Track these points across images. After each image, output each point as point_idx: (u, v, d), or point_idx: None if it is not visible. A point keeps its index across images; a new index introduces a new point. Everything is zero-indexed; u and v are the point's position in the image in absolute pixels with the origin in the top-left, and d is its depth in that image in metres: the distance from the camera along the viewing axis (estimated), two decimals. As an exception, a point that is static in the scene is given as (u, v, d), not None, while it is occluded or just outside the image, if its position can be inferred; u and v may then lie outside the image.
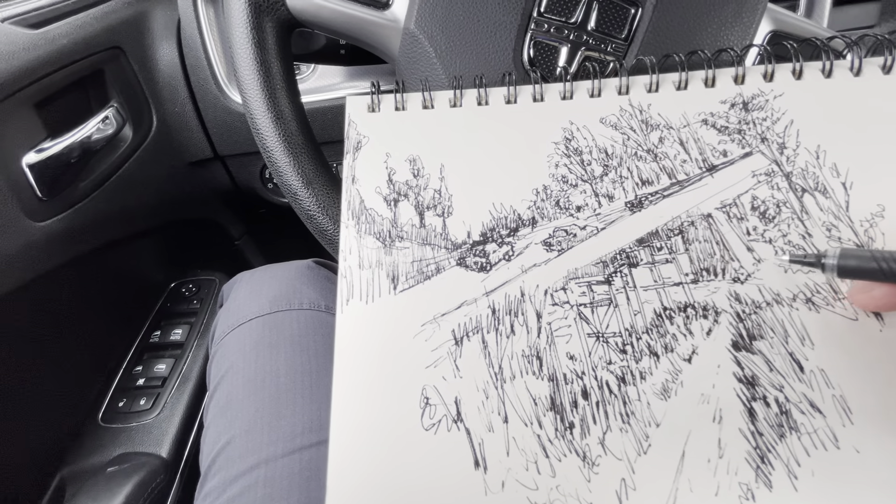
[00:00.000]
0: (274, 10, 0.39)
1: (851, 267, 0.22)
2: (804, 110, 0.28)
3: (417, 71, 0.39)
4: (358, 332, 0.26)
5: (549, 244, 0.27)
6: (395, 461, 0.24)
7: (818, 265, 0.23)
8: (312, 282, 0.53)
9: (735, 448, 0.23)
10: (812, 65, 0.29)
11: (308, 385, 0.43)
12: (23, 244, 0.51)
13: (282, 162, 0.38)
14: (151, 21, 0.65)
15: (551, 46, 0.38)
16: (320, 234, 0.39)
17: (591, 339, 0.25)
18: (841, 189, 0.26)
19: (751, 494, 0.22)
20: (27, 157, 0.52)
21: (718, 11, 0.37)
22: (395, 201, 0.29)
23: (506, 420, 0.24)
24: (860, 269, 0.22)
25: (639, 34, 0.38)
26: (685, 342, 0.25)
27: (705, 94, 0.29)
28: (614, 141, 0.29)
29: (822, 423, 0.23)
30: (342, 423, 0.25)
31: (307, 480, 0.38)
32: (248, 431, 0.41)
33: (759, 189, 0.27)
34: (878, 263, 0.21)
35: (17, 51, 0.50)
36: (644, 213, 0.27)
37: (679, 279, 0.26)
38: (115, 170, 0.62)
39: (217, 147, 0.69)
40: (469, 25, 0.38)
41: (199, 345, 0.73)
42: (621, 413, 0.24)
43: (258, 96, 0.38)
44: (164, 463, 0.60)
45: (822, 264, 0.22)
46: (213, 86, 0.64)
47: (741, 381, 0.24)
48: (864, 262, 0.21)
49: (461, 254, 0.28)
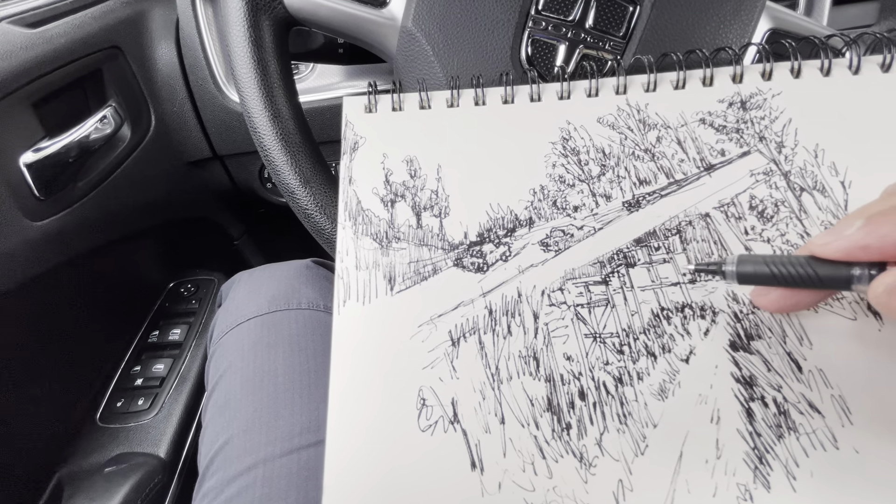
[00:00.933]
0: (271, 8, 0.39)
1: (748, 273, 0.22)
2: (803, 109, 0.28)
3: (415, 69, 0.39)
4: (355, 332, 0.26)
5: (546, 244, 0.27)
6: (391, 462, 0.24)
7: (720, 272, 0.23)
8: (311, 281, 0.53)
9: (733, 449, 0.23)
10: (811, 63, 0.29)
11: (306, 385, 0.43)
12: (20, 243, 0.51)
13: (279, 161, 0.38)
14: (150, 20, 0.65)
15: (549, 44, 0.38)
16: (318, 233, 0.39)
17: (589, 340, 0.25)
18: (840, 188, 0.26)
19: (749, 495, 0.22)
20: (25, 156, 0.52)
21: (717, 9, 0.37)
22: (392, 202, 0.29)
23: (502, 421, 0.24)
24: (756, 274, 0.22)
25: (637, 32, 0.37)
26: (683, 342, 0.25)
27: (703, 94, 0.29)
28: (612, 141, 0.29)
29: (821, 423, 0.23)
30: (339, 423, 0.25)
31: (305, 480, 0.38)
32: (247, 431, 0.41)
33: (757, 188, 0.27)
34: (769, 268, 0.22)
35: (15, 50, 0.50)
36: (641, 212, 0.27)
37: (677, 279, 0.26)
38: (113, 169, 0.61)
39: (216, 147, 0.69)
40: (466, 23, 0.38)
41: (197, 345, 0.73)
42: (618, 414, 0.24)
43: (255, 95, 0.38)
44: (161, 463, 0.60)
45: (723, 272, 0.23)
46: (211, 85, 0.64)
47: (739, 382, 0.24)
48: (758, 268, 0.22)
49: (458, 254, 0.27)
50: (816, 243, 0.21)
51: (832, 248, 0.20)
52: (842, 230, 0.20)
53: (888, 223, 0.19)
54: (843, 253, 0.20)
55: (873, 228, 0.19)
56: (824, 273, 0.21)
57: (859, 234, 0.19)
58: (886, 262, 0.19)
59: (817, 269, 0.21)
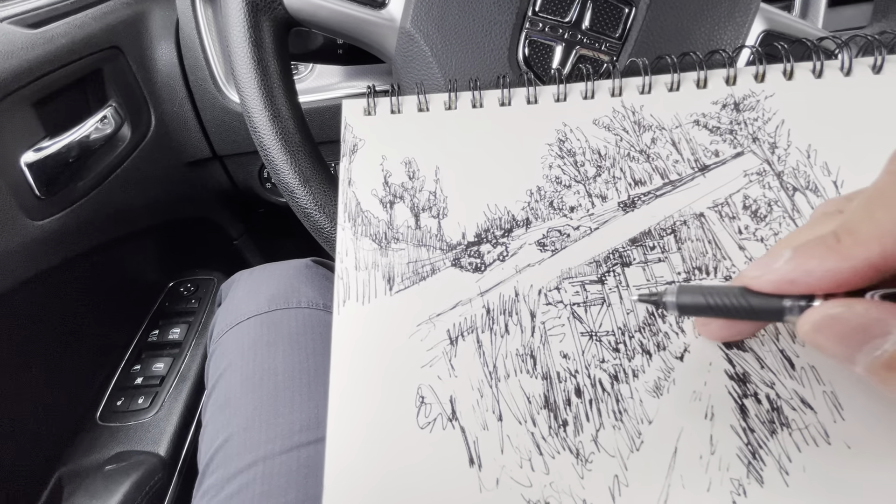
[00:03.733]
0: (271, 9, 0.39)
1: (687, 304, 0.22)
2: (795, 110, 0.28)
3: (413, 70, 0.39)
4: (354, 332, 0.27)
5: (542, 244, 0.28)
6: (391, 459, 0.24)
7: (660, 303, 0.23)
8: (310, 281, 0.53)
9: (727, 444, 0.23)
10: (803, 65, 0.29)
11: (306, 383, 0.43)
12: (21, 243, 0.51)
13: (279, 160, 0.39)
14: (150, 21, 0.65)
15: (546, 45, 0.38)
16: (317, 233, 0.39)
17: (585, 338, 0.26)
18: (832, 187, 0.27)
19: (742, 490, 0.22)
20: (26, 156, 0.52)
21: (712, 11, 0.37)
22: (391, 203, 0.29)
23: (500, 418, 0.25)
24: (693, 305, 0.22)
25: (633, 33, 0.38)
26: (677, 340, 0.25)
27: (697, 96, 0.29)
28: (607, 142, 0.29)
29: (813, 418, 0.23)
30: (339, 421, 0.25)
31: (305, 477, 0.38)
32: (246, 429, 0.41)
33: (750, 188, 0.27)
34: (705, 299, 0.21)
35: (16, 50, 0.50)
36: (637, 212, 0.28)
37: (672, 278, 0.26)
38: (113, 169, 0.62)
39: (215, 147, 0.70)
40: (464, 24, 0.38)
41: (197, 343, 0.73)
42: (614, 410, 0.24)
43: (255, 95, 0.39)
44: (162, 461, 0.61)
45: (664, 302, 0.22)
46: (211, 86, 0.64)
47: (732, 379, 0.24)
48: (695, 298, 0.22)
49: (456, 255, 0.28)
50: (748, 276, 0.20)
51: (762, 281, 0.20)
52: (770, 262, 0.20)
53: (813, 257, 0.18)
54: (772, 286, 0.20)
55: (800, 263, 0.19)
56: (757, 305, 0.20)
57: (786, 269, 0.19)
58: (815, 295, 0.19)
59: (750, 300, 0.20)
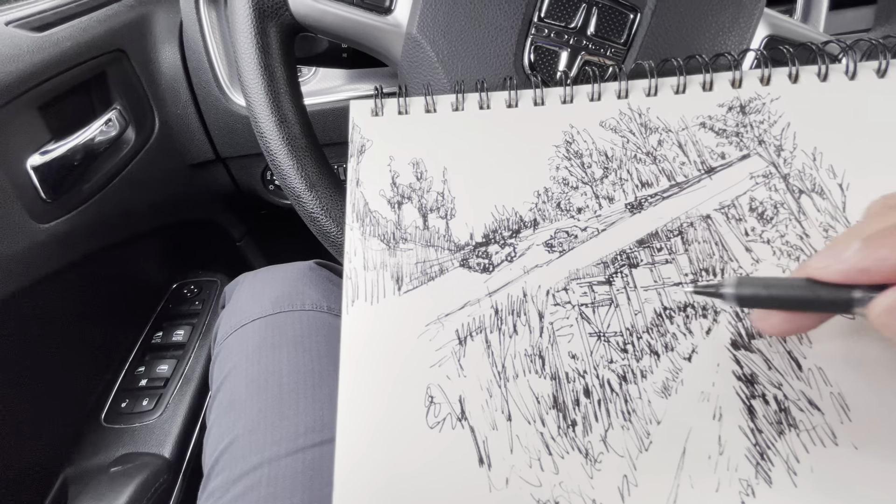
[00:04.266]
0: (278, 16, 0.40)
1: (747, 295, 0.21)
2: (801, 113, 0.29)
3: (419, 75, 0.40)
4: (363, 332, 0.27)
5: (550, 245, 0.28)
6: (400, 458, 0.24)
7: (718, 294, 0.22)
8: (314, 283, 0.53)
9: (735, 445, 0.23)
10: (808, 69, 0.29)
11: (311, 385, 0.43)
12: (27, 246, 0.51)
13: (285, 165, 0.39)
14: (154, 24, 0.65)
15: (551, 51, 0.38)
16: (323, 237, 0.39)
17: (593, 339, 0.26)
18: (838, 190, 0.27)
19: (751, 490, 0.23)
20: (31, 159, 0.52)
21: (716, 17, 0.38)
22: (399, 204, 0.29)
23: (509, 418, 0.25)
24: (755, 297, 0.21)
25: (638, 39, 0.38)
26: (685, 341, 0.25)
27: (703, 98, 0.30)
28: (614, 144, 0.29)
29: (821, 420, 0.23)
30: (349, 421, 0.25)
31: (310, 480, 0.38)
32: (252, 431, 0.41)
33: (756, 190, 0.28)
34: (768, 291, 0.21)
35: (22, 54, 0.51)
36: (644, 214, 0.28)
37: (679, 279, 0.26)
38: (117, 172, 0.62)
39: (219, 149, 0.70)
40: (470, 30, 0.38)
41: (200, 345, 0.73)
42: (623, 411, 0.24)
43: (262, 100, 0.39)
44: (166, 463, 0.61)
45: (722, 294, 0.22)
46: (214, 88, 0.64)
47: (740, 379, 0.24)
48: (757, 290, 0.21)
49: (464, 255, 0.28)
50: (814, 266, 0.20)
51: (831, 271, 0.19)
52: (839, 253, 0.19)
53: (886, 245, 0.18)
54: (842, 276, 0.19)
55: (872, 251, 0.18)
56: (825, 296, 0.20)
57: (858, 258, 0.18)
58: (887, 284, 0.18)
59: (818, 291, 0.20)
